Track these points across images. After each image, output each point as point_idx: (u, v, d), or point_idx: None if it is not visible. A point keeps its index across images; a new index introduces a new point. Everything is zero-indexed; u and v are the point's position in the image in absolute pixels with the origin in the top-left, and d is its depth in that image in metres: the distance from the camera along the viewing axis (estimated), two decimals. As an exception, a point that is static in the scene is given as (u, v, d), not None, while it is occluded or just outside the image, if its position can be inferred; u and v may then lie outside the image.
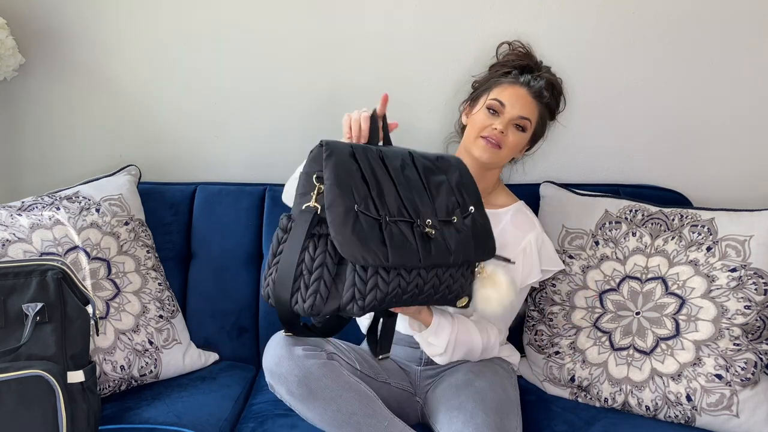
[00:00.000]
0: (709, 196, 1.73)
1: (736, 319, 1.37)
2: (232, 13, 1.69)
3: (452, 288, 1.21)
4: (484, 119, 1.43)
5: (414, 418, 1.42)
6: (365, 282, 1.08)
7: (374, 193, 1.12)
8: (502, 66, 1.53)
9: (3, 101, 1.75)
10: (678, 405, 1.38)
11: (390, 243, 1.09)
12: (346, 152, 1.14)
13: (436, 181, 1.23)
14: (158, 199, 1.69)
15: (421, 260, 1.12)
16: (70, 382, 1.23)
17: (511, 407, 1.28)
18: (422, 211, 1.17)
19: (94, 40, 1.71)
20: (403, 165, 1.21)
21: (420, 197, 1.19)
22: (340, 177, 1.10)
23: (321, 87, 1.73)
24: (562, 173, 1.73)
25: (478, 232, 1.24)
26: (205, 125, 1.77)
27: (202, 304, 1.65)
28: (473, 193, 1.29)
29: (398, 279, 1.11)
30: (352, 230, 1.07)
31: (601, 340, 1.47)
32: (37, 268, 1.25)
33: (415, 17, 1.68)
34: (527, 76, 1.46)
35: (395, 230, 1.12)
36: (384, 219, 1.11)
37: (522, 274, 1.41)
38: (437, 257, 1.15)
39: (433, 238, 1.15)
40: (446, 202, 1.22)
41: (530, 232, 1.44)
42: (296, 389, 1.21)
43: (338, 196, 1.09)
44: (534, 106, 1.44)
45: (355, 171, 1.13)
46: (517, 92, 1.44)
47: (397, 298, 1.12)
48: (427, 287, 1.16)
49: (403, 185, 1.17)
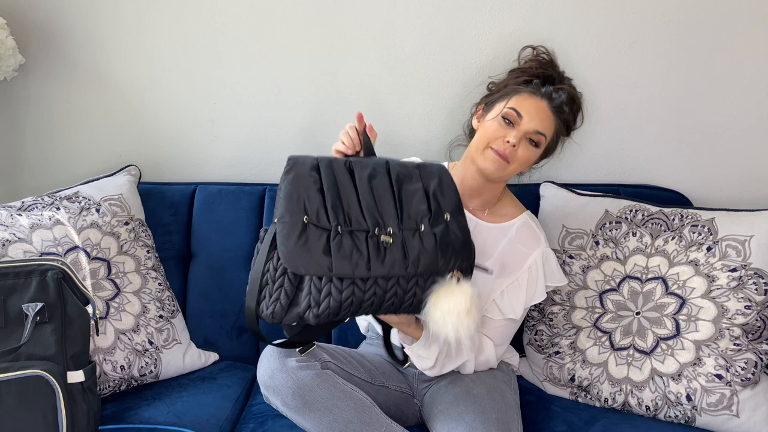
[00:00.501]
0: (709, 196, 1.73)
1: (736, 319, 1.37)
2: (231, 13, 1.69)
3: (421, 297, 1.18)
4: (497, 129, 1.35)
5: (413, 419, 1.42)
6: (320, 291, 1.11)
7: (329, 204, 1.13)
8: (523, 72, 1.45)
9: (3, 101, 1.75)
10: (678, 405, 1.37)
11: (336, 253, 1.10)
12: (308, 165, 1.16)
13: (409, 190, 1.20)
14: (158, 199, 1.69)
15: (371, 269, 1.11)
16: (70, 382, 1.23)
17: (510, 414, 1.27)
18: (384, 220, 1.16)
19: (94, 40, 1.71)
20: (373, 174, 1.19)
21: (385, 206, 1.17)
22: (293, 190, 1.13)
23: (321, 87, 1.73)
24: (562, 173, 1.73)
25: (449, 241, 1.19)
26: (205, 125, 1.77)
27: (202, 304, 1.65)
28: (451, 200, 1.23)
29: (352, 287, 1.12)
30: (296, 241, 1.10)
31: (601, 340, 1.47)
32: (37, 268, 1.25)
33: (420, 15, 1.68)
34: (549, 87, 1.38)
35: (346, 240, 1.12)
36: (334, 229, 1.12)
37: (527, 295, 1.39)
38: (391, 267, 1.13)
39: (389, 247, 1.14)
40: (416, 210, 1.19)
41: (535, 248, 1.40)
42: (291, 401, 1.21)
43: (287, 209, 1.12)
44: (552, 120, 1.37)
45: (313, 183, 1.14)
46: (536, 104, 1.36)
47: (355, 307, 1.13)
48: (389, 296, 1.15)
49: (366, 195, 1.16)
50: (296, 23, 1.69)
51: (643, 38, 1.66)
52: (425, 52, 1.69)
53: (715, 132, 1.71)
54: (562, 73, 1.48)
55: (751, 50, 1.66)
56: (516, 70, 1.48)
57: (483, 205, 1.44)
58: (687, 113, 1.70)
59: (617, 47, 1.66)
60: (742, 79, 1.67)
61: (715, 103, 1.69)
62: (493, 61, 1.67)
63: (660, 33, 1.65)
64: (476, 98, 1.57)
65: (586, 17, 1.65)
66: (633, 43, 1.66)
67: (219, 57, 1.72)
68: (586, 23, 1.65)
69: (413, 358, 1.33)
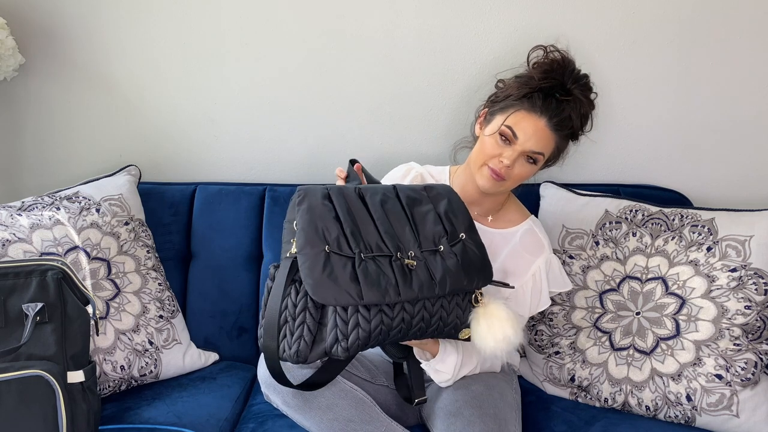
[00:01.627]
0: (709, 196, 1.73)
1: (736, 319, 1.37)
2: (231, 13, 1.69)
3: (447, 320, 1.17)
4: (493, 146, 1.32)
5: (413, 419, 1.42)
6: (346, 322, 1.06)
7: (348, 231, 1.11)
8: (525, 84, 1.35)
9: (3, 101, 1.75)
10: (678, 405, 1.37)
11: (363, 280, 1.06)
12: (320, 195, 1.13)
13: (421, 212, 1.20)
14: (158, 199, 1.69)
15: (401, 294, 1.09)
16: (70, 382, 1.23)
17: (509, 412, 1.27)
18: (404, 243, 1.14)
19: (95, 40, 1.71)
20: (385, 199, 1.18)
21: (402, 229, 1.16)
22: (311, 221, 1.10)
23: (321, 87, 1.73)
24: (562, 173, 1.73)
25: (469, 259, 1.18)
26: (205, 125, 1.77)
27: (202, 304, 1.65)
28: (463, 219, 1.22)
29: (380, 315, 1.08)
30: (322, 271, 1.06)
31: (601, 340, 1.47)
32: (37, 268, 1.25)
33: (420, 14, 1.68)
34: (552, 102, 1.30)
35: (371, 266, 1.09)
36: (358, 256, 1.09)
37: (531, 303, 1.39)
38: (420, 290, 1.10)
39: (414, 269, 1.12)
40: (432, 232, 1.18)
41: (540, 255, 1.39)
42: (291, 400, 1.21)
43: (308, 241, 1.08)
44: (551, 138, 1.32)
45: (328, 212, 1.12)
46: (534, 124, 1.30)
47: (383, 335, 1.09)
48: (416, 321, 1.12)
49: (382, 219, 1.15)
50: (296, 24, 1.69)
51: (643, 38, 1.66)
52: (425, 52, 1.69)
53: (715, 132, 1.71)
54: (577, 72, 1.36)
55: (751, 50, 1.65)
56: (522, 77, 1.39)
57: (486, 211, 1.44)
58: (687, 113, 1.70)
59: (617, 47, 1.66)
60: (742, 79, 1.67)
61: (715, 103, 1.69)
62: (494, 61, 1.67)
63: (660, 33, 1.65)
64: (479, 100, 1.56)
65: (587, 17, 1.65)
66: (633, 43, 1.66)
67: (219, 57, 1.72)
68: (586, 23, 1.65)
69: (430, 373, 1.31)
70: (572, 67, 1.37)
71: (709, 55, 1.66)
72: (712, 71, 1.67)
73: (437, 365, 1.29)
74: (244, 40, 1.71)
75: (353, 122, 1.74)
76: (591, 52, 1.66)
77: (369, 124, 1.75)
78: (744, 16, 1.64)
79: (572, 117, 1.32)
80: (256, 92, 1.74)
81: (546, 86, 1.32)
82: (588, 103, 1.36)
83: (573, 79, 1.35)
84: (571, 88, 1.33)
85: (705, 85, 1.68)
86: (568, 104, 1.31)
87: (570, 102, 1.32)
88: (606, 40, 1.66)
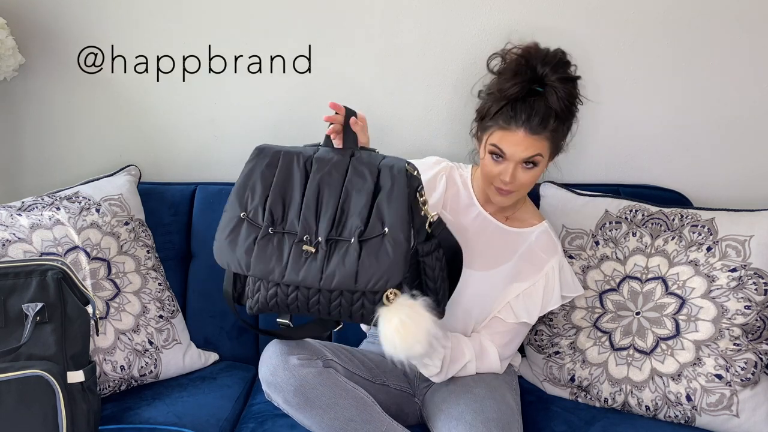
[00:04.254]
0: (709, 196, 1.72)
1: (736, 319, 1.37)
2: (231, 13, 1.69)
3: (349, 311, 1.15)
4: (491, 165, 1.33)
5: (414, 419, 1.42)
6: (254, 285, 1.18)
7: (270, 202, 1.15)
8: (496, 100, 1.31)
9: (3, 101, 1.75)
10: (678, 405, 1.37)
11: (256, 253, 1.13)
12: (269, 158, 1.18)
13: (356, 198, 1.14)
14: (158, 199, 1.69)
15: (285, 276, 1.12)
16: (70, 382, 1.23)
17: (511, 415, 1.27)
18: (316, 227, 1.13)
19: (94, 40, 1.71)
20: (328, 175, 1.15)
21: (325, 212, 1.14)
22: (243, 184, 1.17)
23: (321, 87, 1.73)
24: (562, 173, 1.72)
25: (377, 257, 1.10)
26: (205, 125, 1.77)
27: (202, 304, 1.65)
28: (397, 211, 1.12)
29: (275, 288, 1.15)
30: (227, 235, 1.16)
31: (601, 340, 1.47)
32: (37, 268, 1.25)
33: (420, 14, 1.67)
34: (523, 108, 1.27)
35: (273, 242, 1.13)
36: (264, 229, 1.14)
37: (543, 300, 1.39)
38: (305, 278, 1.11)
39: (311, 257, 1.12)
40: (352, 221, 1.13)
41: (553, 256, 1.41)
42: (293, 398, 1.21)
43: (230, 203, 1.17)
44: (538, 140, 1.29)
45: (263, 179, 1.16)
46: (514, 138, 1.28)
47: (282, 306, 1.16)
48: (312, 303, 1.15)
49: (310, 199, 1.14)
50: (295, 23, 1.69)
51: (643, 38, 1.66)
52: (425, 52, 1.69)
53: (715, 132, 1.71)
54: (545, 54, 1.31)
55: (751, 50, 1.65)
56: (492, 92, 1.34)
57: (502, 209, 1.45)
58: (687, 113, 1.70)
59: (618, 47, 1.66)
60: (742, 79, 1.67)
61: (715, 103, 1.69)
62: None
63: (661, 33, 1.65)
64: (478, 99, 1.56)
65: (587, 17, 1.65)
66: (633, 43, 1.66)
67: (219, 56, 1.72)
68: (587, 23, 1.65)
69: (420, 367, 1.32)
70: (538, 54, 1.32)
71: (710, 55, 1.66)
72: (712, 71, 1.67)
73: (425, 359, 1.30)
74: (244, 39, 1.71)
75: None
76: (591, 52, 1.66)
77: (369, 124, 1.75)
78: (745, 17, 1.63)
79: (552, 108, 1.28)
80: (256, 92, 1.74)
81: (515, 92, 1.29)
82: (566, 82, 1.30)
83: (543, 62, 1.30)
84: (546, 75, 1.29)
85: (705, 85, 1.68)
86: (541, 99, 1.28)
87: (543, 95, 1.29)
88: (606, 39, 1.66)
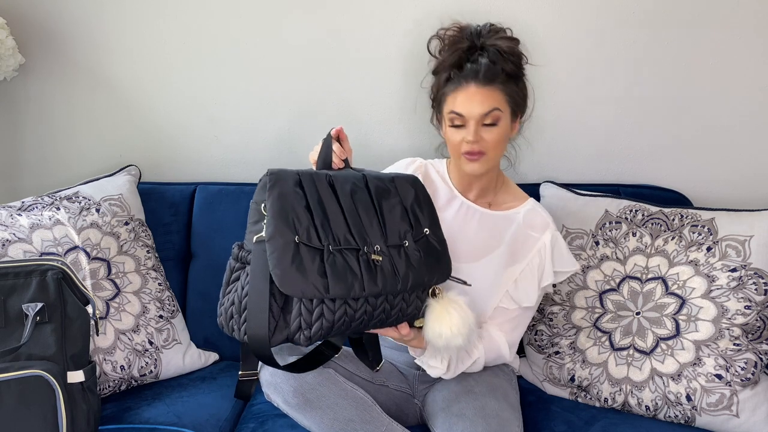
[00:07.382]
0: (709, 196, 1.72)
1: (736, 319, 1.37)
2: (231, 14, 1.69)
3: (406, 311, 1.18)
4: (454, 134, 1.33)
5: (413, 419, 1.42)
6: (311, 312, 1.06)
7: (318, 222, 1.10)
8: (440, 70, 1.36)
9: (3, 101, 1.76)
10: (678, 405, 1.38)
11: (331, 274, 1.06)
12: (292, 181, 1.11)
13: (389, 204, 1.19)
14: (158, 199, 1.69)
15: (365, 289, 1.09)
16: (70, 382, 1.23)
17: (511, 413, 1.27)
18: (370, 237, 1.14)
19: (94, 40, 1.72)
20: (354, 189, 1.17)
21: (370, 222, 1.15)
22: (281, 208, 1.08)
23: (320, 87, 1.73)
24: (562, 173, 1.73)
25: (432, 255, 1.20)
26: (205, 125, 1.77)
27: (202, 304, 1.65)
28: (429, 214, 1.24)
29: (344, 307, 1.09)
30: (291, 263, 1.04)
31: (601, 340, 1.47)
32: (37, 268, 1.26)
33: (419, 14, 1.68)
34: (467, 66, 1.30)
35: (339, 260, 1.09)
36: (327, 248, 1.08)
37: (537, 278, 1.38)
38: (384, 285, 1.11)
39: (380, 264, 1.12)
40: (398, 227, 1.18)
41: (545, 232, 1.38)
42: (292, 399, 1.21)
43: (277, 229, 1.06)
44: (491, 91, 1.29)
45: (299, 200, 1.10)
46: (466, 93, 1.30)
47: (345, 326, 1.10)
48: (377, 312, 1.13)
49: (351, 211, 1.14)
50: (297, 24, 1.69)
51: (643, 38, 1.66)
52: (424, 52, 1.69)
53: (715, 132, 1.71)
54: (478, 30, 1.34)
55: (751, 50, 1.65)
56: (436, 69, 1.38)
57: (482, 193, 1.43)
58: (687, 113, 1.70)
59: (618, 47, 1.66)
60: (742, 79, 1.67)
61: (715, 103, 1.69)
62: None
63: (660, 33, 1.65)
64: None
65: (587, 17, 1.65)
66: (633, 42, 1.66)
67: (218, 57, 1.72)
68: (587, 23, 1.65)
69: (425, 368, 1.32)
70: (472, 29, 1.35)
71: (710, 55, 1.66)
72: (712, 71, 1.67)
73: (429, 361, 1.30)
74: (244, 39, 1.71)
75: (353, 121, 1.74)
76: (590, 52, 1.66)
77: (369, 123, 1.75)
78: (745, 17, 1.63)
79: (496, 62, 1.30)
80: (257, 92, 1.74)
81: (456, 58, 1.32)
82: (506, 41, 1.32)
83: (477, 34, 1.34)
84: (483, 40, 1.32)
85: (705, 85, 1.68)
86: (484, 55, 1.30)
87: (485, 53, 1.31)
88: (606, 40, 1.66)
